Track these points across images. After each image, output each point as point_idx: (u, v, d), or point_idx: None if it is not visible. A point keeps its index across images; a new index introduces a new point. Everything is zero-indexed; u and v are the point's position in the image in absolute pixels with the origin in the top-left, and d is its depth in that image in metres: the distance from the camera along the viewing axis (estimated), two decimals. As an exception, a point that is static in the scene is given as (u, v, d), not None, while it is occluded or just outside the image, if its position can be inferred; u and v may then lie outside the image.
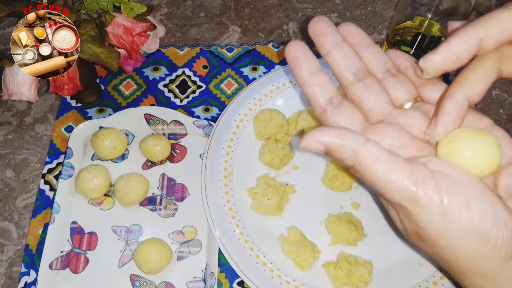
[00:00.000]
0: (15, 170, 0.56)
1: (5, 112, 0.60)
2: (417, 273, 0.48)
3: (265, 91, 0.57)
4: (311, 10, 0.70)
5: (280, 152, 0.53)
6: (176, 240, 0.50)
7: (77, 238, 0.49)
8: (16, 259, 0.50)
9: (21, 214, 0.53)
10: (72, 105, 0.59)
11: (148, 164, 0.55)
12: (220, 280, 0.48)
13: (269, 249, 0.48)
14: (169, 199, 0.52)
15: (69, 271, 0.48)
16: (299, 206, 0.52)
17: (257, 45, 0.65)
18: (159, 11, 0.70)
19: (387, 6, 0.71)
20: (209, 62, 0.64)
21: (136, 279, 0.47)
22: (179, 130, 0.56)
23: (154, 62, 0.63)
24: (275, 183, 0.52)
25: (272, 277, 0.46)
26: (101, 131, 0.53)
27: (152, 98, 0.60)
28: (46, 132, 0.59)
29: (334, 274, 0.47)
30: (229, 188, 0.51)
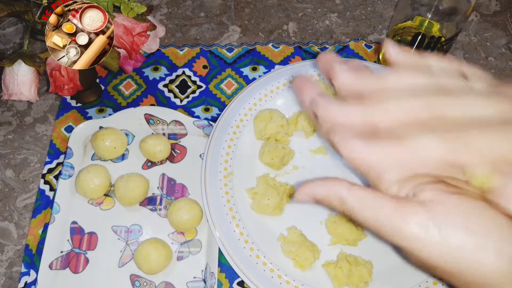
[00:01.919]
0: (15, 170, 0.56)
1: (5, 112, 0.60)
2: (417, 273, 0.48)
3: (265, 91, 0.57)
4: (311, 10, 0.70)
5: (280, 152, 0.53)
6: (176, 240, 0.50)
7: (77, 238, 0.49)
8: (16, 259, 0.50)
9: (21, 214, 0.53)
10: (72, 105, 0.59)
11: (148, 164, 0.55)
12: (220, 280, 0.48)
13: (269, 249, 0.48)
14: (169, 199, 0.52)
15: (69, 271, 0.48)
16: (299, 206, 0.52)
17: (257, 45, 0.65)
18: (159, 11, 0.70)
19: (387, 6, 0.71)
20: (209, 62, 0.64)
21: (136, 279, 0.47)
22: (179, 130, 0.56)
23: (154, 62, 0.63)
24: (275, 183, 0.52)
25: (272, 277, 0.46)
26: (101, 131, 0.53)
27: (152, 98, 0.60)
28: (46, 132, 0.59)
29: (334, 274, 0.47)
30: (229, 188, 0.51)
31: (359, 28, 0.68)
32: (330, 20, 0.69)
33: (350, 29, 0.68)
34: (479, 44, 0.68)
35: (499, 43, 0.68)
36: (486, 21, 0.70)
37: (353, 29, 0.68)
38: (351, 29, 0.68)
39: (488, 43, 0.68)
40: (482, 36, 0.68)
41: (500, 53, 0.67)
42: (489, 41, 0.68)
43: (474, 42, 0.68)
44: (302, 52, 0.64)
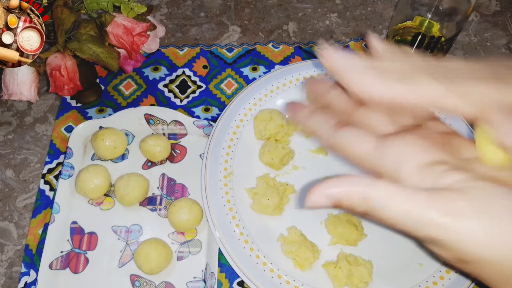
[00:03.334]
0: (15, 170, 0.56)
1: (5, 112, 0.60)
2: (417, 273, 0.48)
3: (265, 91, 0.57)
4: (311, 10, 0.70)
5: (280, 152, 0.53)
6: (176, 240, 0.50)
7: (77, 238, 0.49)
8: (16, 259, 0.50)
9: (21, 214, 0.53)
10: (72, 105, 0.59)
11: (148, 164, 0.55)
12: (220, 280, 0.48)
13: (269, 249, 0.48)
14: (169, 199, 0.52)
15: (69, 271, 0.48)
16: (299, 206, 0.52)
17: (257, 45, 0.65)
18: (159, 11, 0.70)
19: (387, 6, 0.71)
20: (209, 62, 0.64)
21: (136, 279, 0.47)
22: (179, 130, 0.56)
23: (154, 62, 0.63)
24: (275, 183, 0.52)
25: (272, 277, 0.46)
26: (101, 131, 0.53)
27: (152, 98, 0.60)
28: (46, 132, 0.59)
29: (334, 274, 0.47)
30: (229, 188, 0.51)
31: (359, 28, 0.68)
32: (330, 20, 0.69)
33: (350, 29, 0.68)
34: (479, 44, 0.68)
35: (499, 43, 0.68)
36: (486, 21, 0.70)
37: (353, 29, 0.68)
38: (351, 29, 0.68)
39: (488, 43, 0.68)
40: (482, 36, 0.68)
41: (500, 53, 0.67)
42: (489, 41, 0.68)
43: (474, 42, 0.68)
44: (302, 52, 0.64)
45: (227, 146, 0.53)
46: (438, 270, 0.47)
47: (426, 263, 0.48)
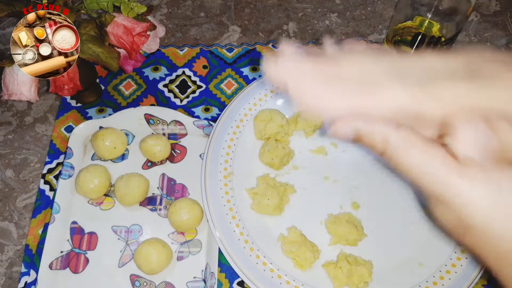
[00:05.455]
0: (15, 170, 0.56)
1: (5, 112, 0.60)
2: (417, 273, 0.48)
3: (265, 91, 0.57)
4: (311, 10, 0.70)
5: (280, 152, 0.53)
6: (176, 240, 0.50)
7: (77, 238, 0.49)
8: (16, 259, 0.50)
9: (21, 214, 0.53)
10: (72, 105, 0.59)
11: (148, 164, 0.55)
12: (220, 280, 0.48)
13: (269, 249, 0.48)
14: (169, 199, 0.52)
15: (69, 271, 0.48)
16: (299, 206, 0.52)
17: (257, 45, 0.65)
18: (159, 11, 0.70)
19: (387, 6, 0.71)
20: (209, 62, 0.64)
21: (136, 279, 0.47)
22: (179, 130, 0.56)
23: (154, 62, 0.63)
24: (275, 183, 0.52)
25: (272, 277, 0.46)
26: (101, 131, 0.53)
27: (152, 98, 0.60)
28: (46, 132, 0.59)
29: (334, 274, 0.47)
30: (229, 188, 0.51)
31: (359, 28, 0.68)
32: (330, 20, 0.69)
33: (350, 29, 0.68)
34: (479, 44, 0.68)
35: (499, 43, 0.68)
36: (486, 21, 0.70)
37: (353, 29, 0.68)
38: (351, 29, 0.68)
39: (488, 43, 0.68)
40: (482, 36, 0.68)
41: (500, 53, 0.67)
42: (489, 41, 0.68)
43: (474, 42, 0.68)
44: (302, 52, 0.64)
45: (227, 146, 0.53)
46: (438, 270, 0.47)
47: (426, 263, 0.48)
